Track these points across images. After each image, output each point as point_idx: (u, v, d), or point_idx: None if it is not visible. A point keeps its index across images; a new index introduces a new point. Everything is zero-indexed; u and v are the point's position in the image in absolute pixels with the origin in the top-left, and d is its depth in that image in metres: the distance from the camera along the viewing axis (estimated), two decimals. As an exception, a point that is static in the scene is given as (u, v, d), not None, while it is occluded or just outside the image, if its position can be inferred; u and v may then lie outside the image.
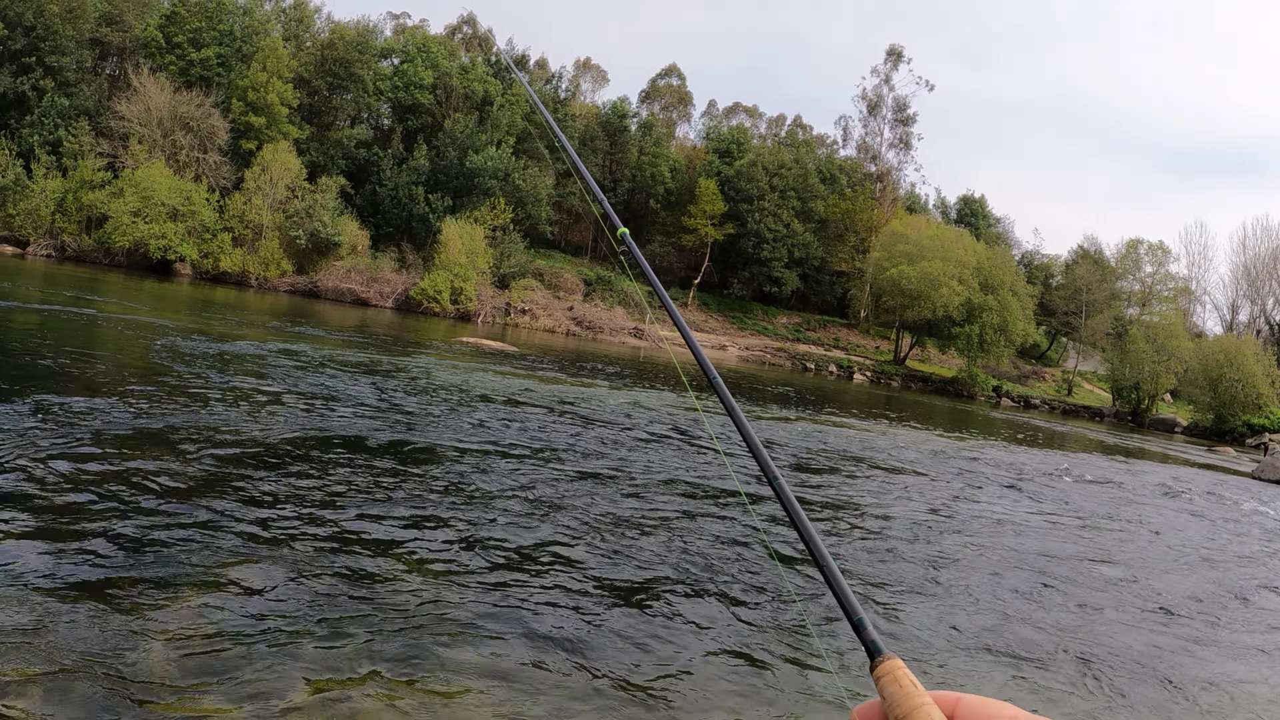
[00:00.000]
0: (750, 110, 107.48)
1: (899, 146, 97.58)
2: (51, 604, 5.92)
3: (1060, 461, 28.88)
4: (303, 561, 7.52)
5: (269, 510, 8.82)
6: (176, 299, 42.09)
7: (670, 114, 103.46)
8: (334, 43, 76.80)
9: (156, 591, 6.40)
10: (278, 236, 66.49)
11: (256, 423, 13.10)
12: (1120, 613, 10.28)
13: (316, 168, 72.29)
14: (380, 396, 17.66)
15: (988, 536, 13.49)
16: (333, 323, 41.03)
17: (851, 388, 63.19)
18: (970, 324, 75.60)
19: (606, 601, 7.85)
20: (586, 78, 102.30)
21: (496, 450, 13.83)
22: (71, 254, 61.04)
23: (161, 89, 66.11)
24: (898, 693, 1.02)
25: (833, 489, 15.56)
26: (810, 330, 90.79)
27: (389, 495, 10.15)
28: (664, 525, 10.94)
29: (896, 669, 1.05)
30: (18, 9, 66.80)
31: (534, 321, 70.62)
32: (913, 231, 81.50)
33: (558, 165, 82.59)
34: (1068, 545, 13.84)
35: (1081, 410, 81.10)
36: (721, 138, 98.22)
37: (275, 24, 78.70)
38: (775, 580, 9.27)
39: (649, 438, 18.00)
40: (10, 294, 28.89)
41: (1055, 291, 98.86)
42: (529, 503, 10.91)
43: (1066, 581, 11.36)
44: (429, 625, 6.61)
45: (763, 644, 7.45)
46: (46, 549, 6.88)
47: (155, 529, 7.68)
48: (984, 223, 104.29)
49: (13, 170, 61.99)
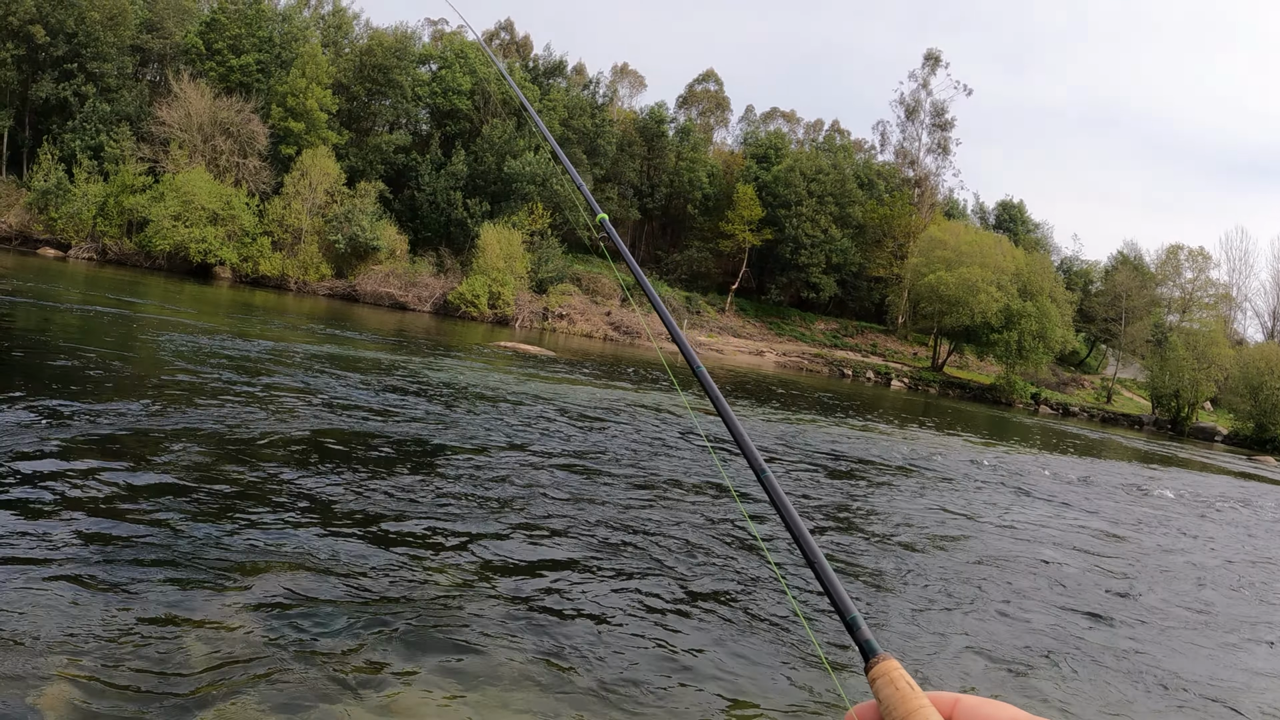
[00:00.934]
0: (788, 115, 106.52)
1: (937, 151, 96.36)
2: (91, 600, 5.93)
3: (1095, 469, 28.04)
4: (340, 561, 7.52)
5: (307, 509, 8.83)
6: (216, 302, 41.75)
7: (708, 119, 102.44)
8: (372, 49, 76.57)
9: (195, 589, 6.44)
10: (317, 241, 66.07)
11: (295, 423, 13.08)
12: (1129, 623, 9.86)
13: (355, 173, 71.96)
14: (418, 399, 17.53)
15: (1006, 542, 13.19)
16: (371, 327, 40.50)
17: (889, 394, 61.96)
18: (1009, 330, 74.26)
19: (627, 605, 7.78)
20: (624, 83, 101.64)
21: (535, 454, 13.74)
22: (113, 257, 60.93)
23: (202, 95, 66.00)
24: (894, 695, 0.97)
25: (855, 493, 15.30)
26: (848, 336, 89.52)
27: (424, 497, 10.10)
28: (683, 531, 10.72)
29: (892, 670, 1.00)
30: (59, 16, 66.84)
31: (571, 326, 69.83)
32: (951, 237, 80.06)
33: (596, 171, 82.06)
34: (1090, 553, 13.38)
35: (1120, 418, 79.35)
36: (759, 143, 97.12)
37: (314, 30, 78.67)
38: (775, 582, 9.25)
39: (676, 443, 17.50)
40: (53, 295, 28.82)
41: (1094, 298, 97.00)
42: (568, 505, 10.90)
43: (1079, 589, 11.04)
44: (456, 623, 6.63)
45: (764, 645, 7.40)
46: (88, 547, 6.89)
47: (193, 528, 7.69)
48: (1023, 228, 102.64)
49: (55, 174, 62.02)
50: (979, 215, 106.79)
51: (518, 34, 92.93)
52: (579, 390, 25.14)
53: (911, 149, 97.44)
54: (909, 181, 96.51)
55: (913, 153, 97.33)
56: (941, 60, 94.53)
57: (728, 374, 47.12)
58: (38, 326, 21.03)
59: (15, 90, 67.89)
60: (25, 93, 68.18)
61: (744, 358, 72.32)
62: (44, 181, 61.83)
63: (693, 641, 7.15)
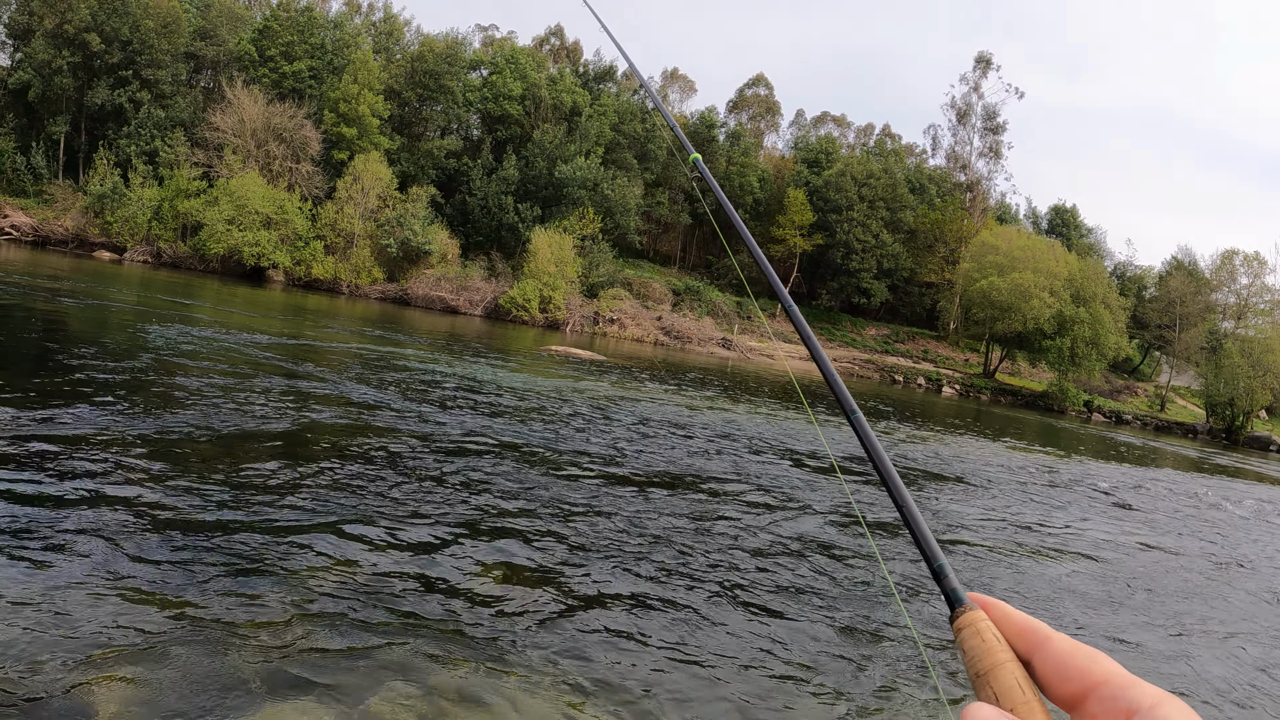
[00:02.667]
0: (839, 119, 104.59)
1: (989, 155, 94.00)
2: (142, 601, 5.86)
3: (1144, 477, 26.90)
4: (392, 562, 7.41)
5: (359, 510, 8.70)
6: (270, 305, 41.12)
7: (758, 124, 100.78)
8: (423, 55, 75.98)
9: (247, 589, 6.32)
10: (369, 245, 65.49)
11: (350, 425, 13.00)
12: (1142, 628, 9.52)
13: (407, 177, 71.37)
14: (471, 401, 17.42)
15: (1047, 552, 12.50)
16: (424, 330, 39.82)
17: (939, 401, 60.10)
18: (1061, 337, 72.09)
19: (693, 599, 7.75)
20: (674, 88, 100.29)
21: (580, 454, 13.54)
22: (167, 260, 60.66)
23: (255, 101, 65.70)
24: (979, 647, 0.92)
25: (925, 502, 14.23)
26: (899, 342, 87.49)
27: (474, 498, 9.95)
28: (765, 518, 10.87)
29: (978, 620, 0.94)
30: (115, 24, 66.80)
31: (622, 331, 68.53)
32: (1003, 242, 77.97)
33: (646, 175, 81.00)
34: (1128, 564, 12.85)
35: (1174, 426, 76.54)
36: (810, 147, 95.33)
37: (366, 37, 78.11)
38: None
39: (731, 443, 17.28)
40: (110, 297, 28.85)
41: (1148, 304, 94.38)
42: (624, 503, 10.79)
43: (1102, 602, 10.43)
44: (511, 626, 6.52)
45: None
46: (139, 544, 6.80)
47: (246, 528, 7.59)
48: (1075, 233, 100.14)
49: (111, 179, 62.04)
50: (1031, 220, 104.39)
51: (568, 40, 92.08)
52: (645, 397, 24.46)
53: (963, 153, 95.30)
54: (960, 186, 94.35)
55: (964, 157, 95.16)
56: (993, 63, 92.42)
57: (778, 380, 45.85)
58: (95, 327, 20.68)
59: (71, 97, 67.89)
60: (81, 99, 68.12)
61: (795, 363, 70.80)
62: (100, 186, 61.96)
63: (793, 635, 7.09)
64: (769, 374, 51.25)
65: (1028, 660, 0.88)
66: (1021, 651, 0.89)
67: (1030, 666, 0.88)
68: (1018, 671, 0.88)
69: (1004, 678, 0.87)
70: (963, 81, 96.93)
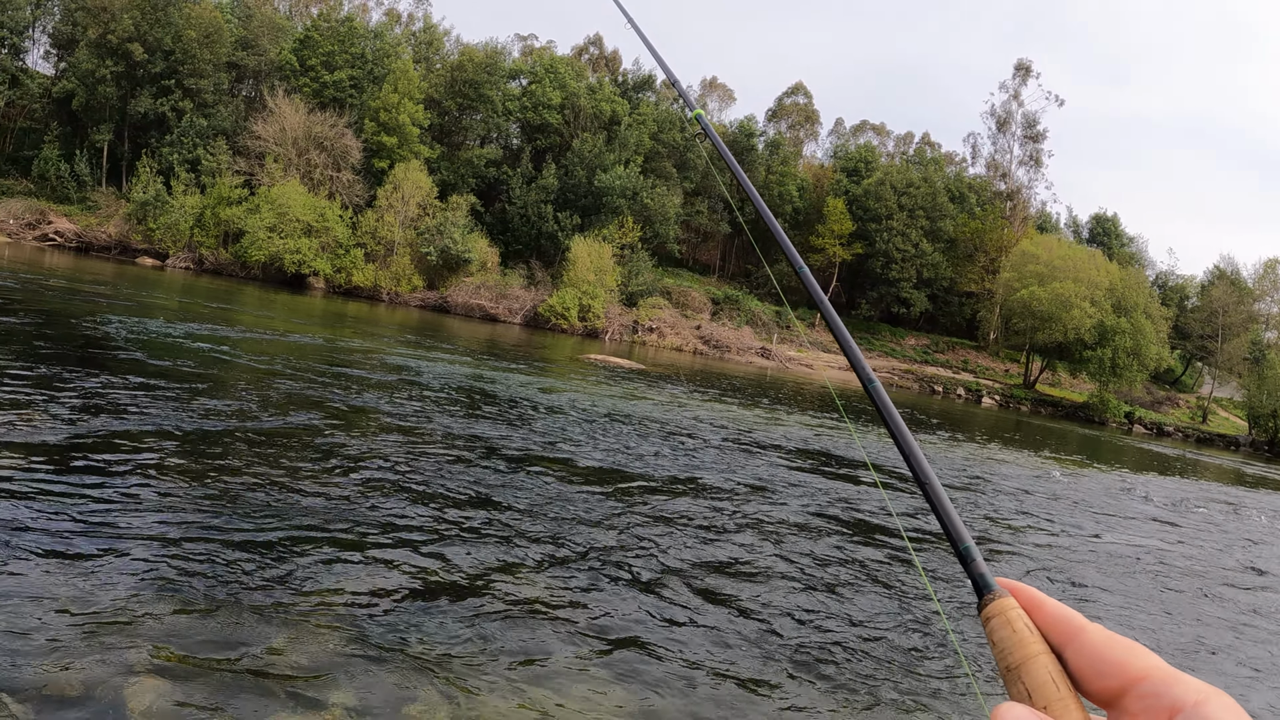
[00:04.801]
0: (878, 128, 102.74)
1: (1029, 164, 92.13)
2: (184, 594, 5.86)
3: (1188, 491, 26.08)
4: (433, 564, 7.39)
5: (400, 512, 8.67)
6: (310, 311, 40.81)
7: (797, 132, 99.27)
8: (463, 64, 75.27)
9: (285, 588, 6.29)
10: (409, 253, 64.74)
11: (393, 432, 12.81)
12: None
13: (447, 186, 70.50)
14: (512, 409, 17.29)
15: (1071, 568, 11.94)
16: (463, 337, 39.28)
17: (979, 412, 58.58)
18: (1102, 347, 70.16)
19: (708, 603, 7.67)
20: (713, 97, 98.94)
21: (625, 466, 13.36)
22: (209, 266, 60.12)
23: (296, 110, 65.25)
24: (1010, 638, 0.84)
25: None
26: (938, 352, 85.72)
27: (517, 505, 9.82)
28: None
29: (1009, 609, 0.86)
30: (157, 34, 66.51)
31: (661, 340, 67.43)
32: (1043, 251, 76.36)
33: (686, 184, 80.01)
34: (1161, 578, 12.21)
35: (1216, 439, 74.45)
36: (849, 156, 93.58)
37: (406, 47, 77.54)
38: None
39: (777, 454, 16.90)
40: (153, 302, 28.89)
41: (1190, 314, 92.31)
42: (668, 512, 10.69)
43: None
44: (550, 628, 6.45)
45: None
46: (181, 540, 6.82)
47: (287, 525, 7.62)
48: (1117, 242, 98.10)
49: (154, 186, 61.63)
50: (1072, 229, 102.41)
51: (606, 49, 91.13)
52: (683, 406, 24.09)
53: (1003, 161, 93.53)
54: (1001, 194, 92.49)
55: (1004, 165, 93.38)
56: (1032, 70, 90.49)
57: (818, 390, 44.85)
58: (139, 331, 20.05)
59: (115, 105, 67.47)
60: (124, 108, 67.69)
61: (834, 373, 69.48)
62: (143, 193, 61.63)
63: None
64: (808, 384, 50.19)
65: (1060, 652, 0.82)
66: (1054, 642, 0.83)
67: (1063, 659, 0.82)
68: (1051, 665, 0.81)
69: (1037, 672, 0.81)
70: (1002, 89, 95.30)
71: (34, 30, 74.29)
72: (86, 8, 66.46)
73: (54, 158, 65.78)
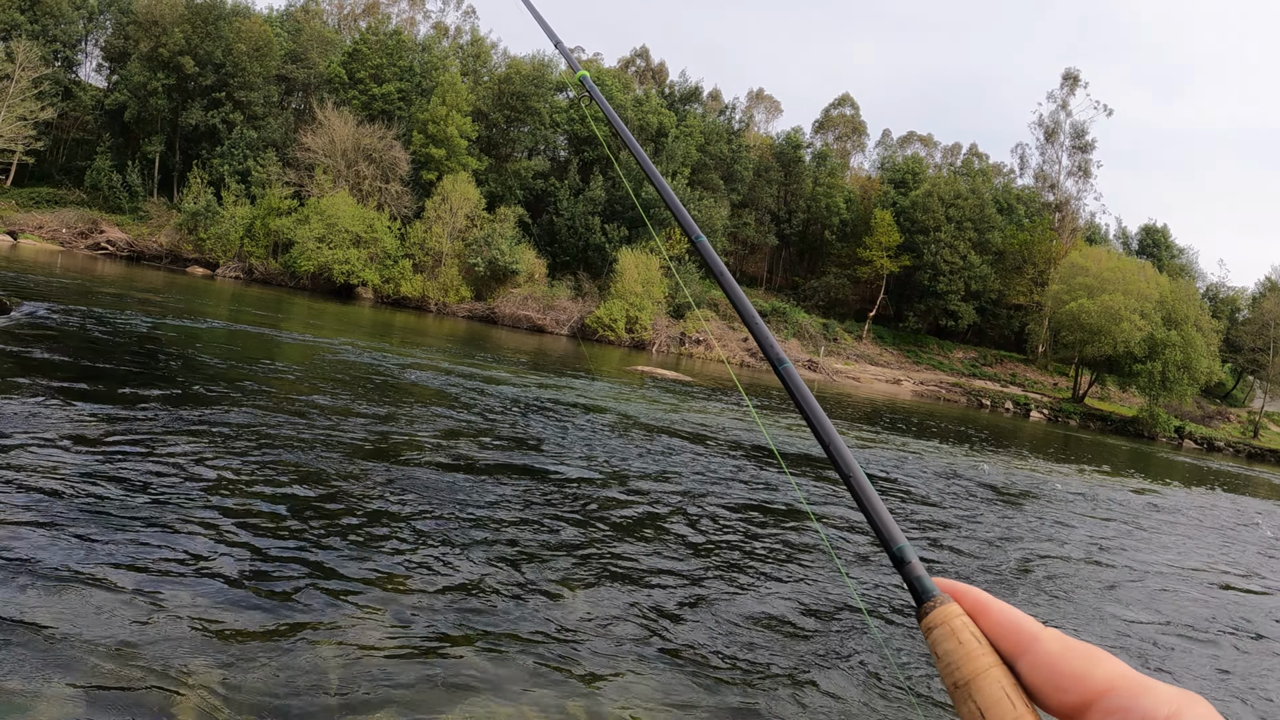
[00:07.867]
0: (925, 139, 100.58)
1: (1077, 174, 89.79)
2: (229, 608, 5.68)
3: (1244, 510, 24.71)
4: (467, 576, 7.12)
5: (438, 522, 8.49)
6: (359, 321, 40.35)
7: (844, 144, 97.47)
8: (510, 77, 74.20)
9: (333, 599, 6.13)
10: (457, 264, 63.71)
11: (440, 441, 12.54)
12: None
13: (495, 198, 69.45)
14: (561, 420, 16.92)
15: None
16: (510, 348, 38.39)
17: (1027, 426, 56.63)
18: (1152, 361, 67.77)
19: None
20: (760, 109, 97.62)
21: (664, 480, 12.85)
22: (258, 276, 59.52)
23: (345, 122, 64.59)
24: (956, 650, 0.74)
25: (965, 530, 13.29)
26: (986, 365, 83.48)
27: (559, 515, 9.60)
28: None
29: (953, 618, 0.76)
30: (208, 48, 66.26)
31: (708, 352, 65.93)
32: (1092, 263, 74.01)
33: (733, 196, 78.75)
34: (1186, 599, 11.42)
35: (1268, 454, 72.14)
36: (896, 168, 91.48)
37: (453, 60, 76.84)
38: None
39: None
40: (205, 311, 28.47)
41: (1241, 327, 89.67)
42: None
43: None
44: (580, 640, 6.23)
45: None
46: (226, 553, 6.58)
47: (332, 538, 7.42)
48: (1166, 254, 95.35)
49: (204, 197, 61.30)
50: (1121, 240, 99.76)
51: (653, 61, 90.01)
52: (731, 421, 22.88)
53: (1051, 172, 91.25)
54: (1049, 206, 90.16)
55: (1052, 176, 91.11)
56: (1080, 80, 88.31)
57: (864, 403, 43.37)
58: (188, 339, 19.88)
59: (166, 118, 67.40)
60: (176, 120, 67.58)
61: (881, 386, 67.91)
62: (194, 204, 61.48)
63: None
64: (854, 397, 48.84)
65: (1013, 663, 0.73)
66: (1005, 652, 0.74)
67: (1016, 671, 0.73)
68: (1005, 679, 0.72)
69: (989, 688, 0.72)
70: (1050, 99, 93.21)
71: (86, 44, 74.64)
72: (138, 21, 66.44)
73: (106, 168, 65.56)
